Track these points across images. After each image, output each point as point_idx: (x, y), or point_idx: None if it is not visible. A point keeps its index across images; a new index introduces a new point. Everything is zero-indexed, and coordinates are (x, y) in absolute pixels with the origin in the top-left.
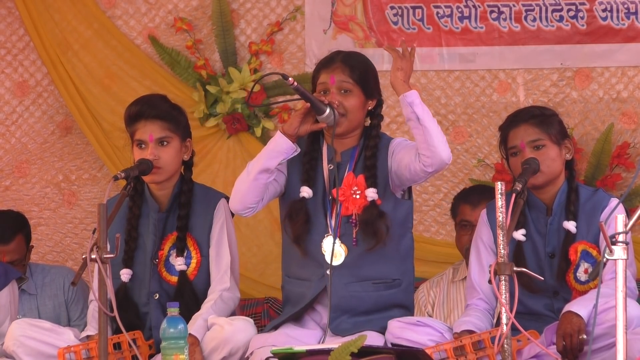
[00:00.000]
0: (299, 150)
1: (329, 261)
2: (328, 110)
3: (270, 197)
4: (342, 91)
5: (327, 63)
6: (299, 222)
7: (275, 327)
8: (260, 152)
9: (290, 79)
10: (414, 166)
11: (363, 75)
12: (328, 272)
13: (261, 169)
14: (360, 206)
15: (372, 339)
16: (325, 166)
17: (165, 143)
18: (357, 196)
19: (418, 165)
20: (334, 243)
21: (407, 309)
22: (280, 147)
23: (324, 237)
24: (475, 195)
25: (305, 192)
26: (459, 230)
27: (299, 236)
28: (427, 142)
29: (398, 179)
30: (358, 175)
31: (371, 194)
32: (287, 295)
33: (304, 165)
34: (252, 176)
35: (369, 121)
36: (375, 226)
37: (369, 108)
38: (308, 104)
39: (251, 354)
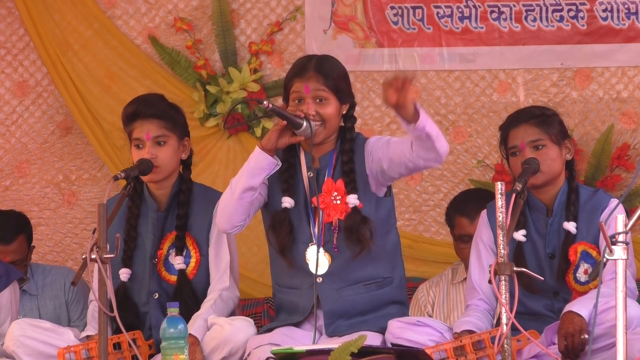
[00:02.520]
0: (280, 164)
1: (313, 271)
2: (305, 124)
3: (256, 210)
4: (318, 100)
5: (300, 71)
6: (282, 232)
7: (271, 329)
8: (241, 170)
9: (264, 102)
10: (413, 162)
11: (337, 82)
12: (319, 279)
13: (245, 188)
14: (341, 211)
15: (371, 339)
16: (305, 174)
17: (162, 142)
18: (338, 202)
19: (417, 160)
20: (318, 252)
21: (403, 304)
22: (261, 164)
23: (309, 246)
24: (472, 205)
25: (287, 202)
26: (459, 243)
27: (284, 247)
28: (431, 148)
29: (387, 176)
30: (337, 180)
31: (352, 200)
32: (279, 303)
33: (283, 175)
34: (236, 195)
35: (343, 123)
36: (360, 232)
37: (344, 112)
38: (284, 122)
39: (248, 354)
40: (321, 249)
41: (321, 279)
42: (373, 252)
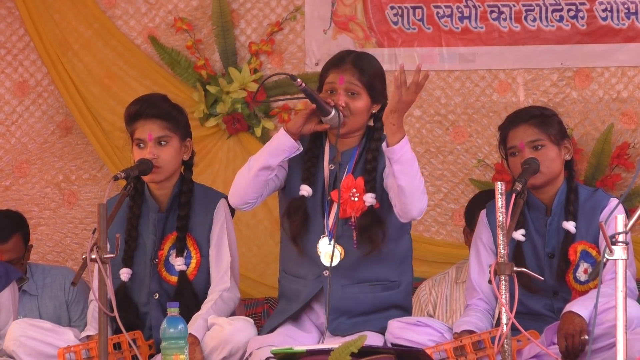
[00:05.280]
0: (301, 149)
1: (324, 262)
2: (333, 112)
3: (270, 192)
4: (350, 93)
5: (337, 63)
6: (297, 220)
7: (272, 330)
8: (262, 149)
9: (298, 80)
10: (391, 199)
11: (372, 79)
12: (325, 273)
13: (263, 166)
14: (357, 209)
15: (372, 339)
16: (327, 165)
17: (164, 142)
18: (356, 199)
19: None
20: (331, 244)
21: (406, 310)
22: (283, 145)
23: (321, 237)
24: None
25: (305, 190)
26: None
27: (296, 235)
28: (401, 195)
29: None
30: (357, 178)
31: (370, 199)
32: (282, 290)
33: (305, 164)
34: (253, 172)
35: (372, 123)
36: (372, 232)
37: (374, 111)
38: (313, 105)
39: (250, 355)
40: (333, 242)
41: (328, 272)
42: (383, 254)
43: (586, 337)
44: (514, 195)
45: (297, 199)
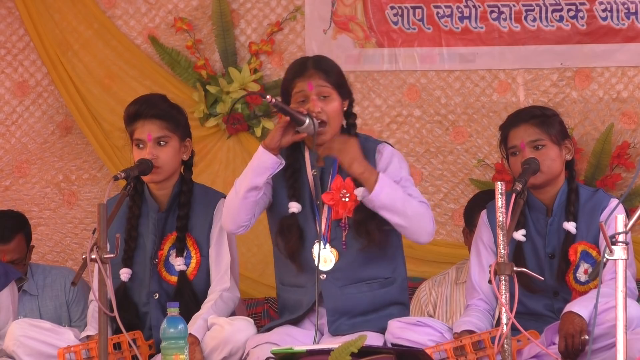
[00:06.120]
0: (284, 162)
1: (320, 267)
2: (307, 121)
3: (262, 210)
4: (322, 97)
5: (300, 70)
6: (292, 238)
7: (270, 329)
8: (245, 170)
9: (268, 96)
10: None
11: (337, 78)
12: (322, 276)
13: (250, 187)
14: (350, 209)
15: (371, 339)
16: (310, 173)
17: (163, 143)
18: (347, 199)
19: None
20: (320, 247)
21: (404, 305)
22: (265, 163)
23: (314, 243)
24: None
25: (294, 207)
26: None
27: (293, 252)
28: (402, 230)
29: None
30: (346, 178)
31: (361, 192)
32: (283, 302)
33: (288, 180)
34: (241, 195)
35: (345, 121)
36: (368, 226)
37: (344, 109)
38: (287, 118)
39: (247, 354)
40: (327, 245)
41: (325, 275)
42: (376, 252)
43: (586, 337)
44: (514, 195)
45: (288, 217)
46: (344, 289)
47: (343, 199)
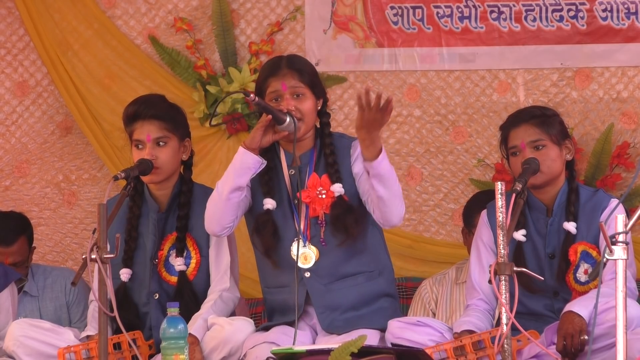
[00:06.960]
0: (265, 162)
1: (300, 265)
2: (288, 119)
3: (244, 211)
4: (295, 96)
5: (274, 70)
6: (267, 234)
7: (267, 328)
8: (227, 171)
9: (251, 95)
10: (367, 204)
11: (311, 77)
12: (306, 274)
13: (233, 188)
14: (327, 205)
15: (368, 337)
16: (286, 172)
17: (162, 143)
18: (323, 196)
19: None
20: (298, 245)
21: (393, 297)
22: (246, 164)
23: (294, 241)
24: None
25: (269, 203)
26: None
27: (268, 248)
28: (381, 204)
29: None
30: (322, 176)
31: (337, 188)
32: (270, 305)
33: (263, 178)
34: (224, 196)
35: (319, 120)
36: (345, 221)
37: (318, 108)
38: (269, 116)
39: (244, 355)
40: (307, 243)
41: (309, 274)
42: (357, 246)
43: (586, 337)
44: (513, 195)
45: (263, 214)
46: (329, 286)
47: (320, 196)
